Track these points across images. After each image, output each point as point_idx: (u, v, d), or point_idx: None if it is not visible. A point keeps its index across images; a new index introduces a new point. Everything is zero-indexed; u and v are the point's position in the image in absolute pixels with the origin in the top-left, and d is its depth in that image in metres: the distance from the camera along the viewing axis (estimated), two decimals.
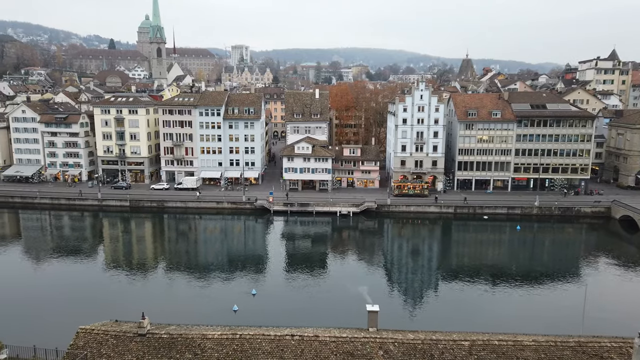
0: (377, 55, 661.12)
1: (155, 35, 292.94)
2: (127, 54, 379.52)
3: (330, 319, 43.41)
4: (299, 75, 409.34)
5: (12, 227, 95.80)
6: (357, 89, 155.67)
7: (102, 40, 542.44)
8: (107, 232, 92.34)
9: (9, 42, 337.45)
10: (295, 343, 30.95)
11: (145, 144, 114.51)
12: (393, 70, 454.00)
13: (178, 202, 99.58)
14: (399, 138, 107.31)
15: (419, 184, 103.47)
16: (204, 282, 63.98)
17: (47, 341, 27.35)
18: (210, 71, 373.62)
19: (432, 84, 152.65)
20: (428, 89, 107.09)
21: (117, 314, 38.40)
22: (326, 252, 79.90)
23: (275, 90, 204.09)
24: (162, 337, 31.29)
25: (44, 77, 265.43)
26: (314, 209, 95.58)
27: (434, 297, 61.66)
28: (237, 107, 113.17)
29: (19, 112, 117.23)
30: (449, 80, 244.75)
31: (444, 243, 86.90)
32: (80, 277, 65.79)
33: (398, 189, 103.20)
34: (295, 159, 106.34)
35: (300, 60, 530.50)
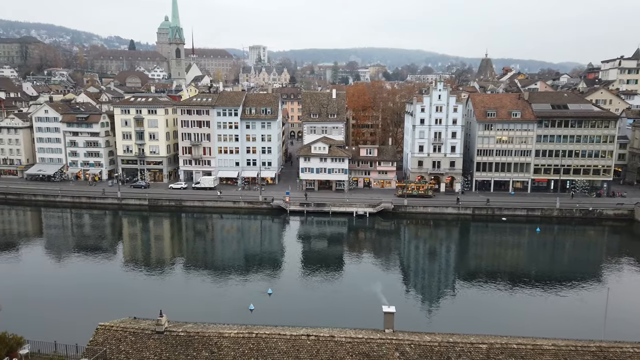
0: (394, 55, 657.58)
1: (175, 36, 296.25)
2: (146, 54, 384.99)
3: (346, 320, 43.30)
4: (316, 76, 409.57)
5: (34, 224, 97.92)
6: (374, 89, 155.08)
7: (123, 41, 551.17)
8: (127, 231, 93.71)
9: (32, 44, 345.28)
10: (311, 343, 30.95)
11: (164, 143, 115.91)
12: (411, 70, 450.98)
13: (196, 202, 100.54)
14: (416, 138, 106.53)
15: (422, 185, 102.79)
16: (220, 281, 64.43)
17: (67, 337, 27.87)
18: (228, 71, 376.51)
19: (451, 83, 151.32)
20: (446, 88, 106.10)
21: (136, 311, 38.90)
22: (342, 252, 79.78)
23: (292, 90, 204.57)
24: (179, 335, 31.61)
25: (66, 78, 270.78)
26: (330, 209, 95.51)
27: (451, 299, 61.02)
28: (255, 107, 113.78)
29: (41, 112, 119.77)
30: (467, 80, 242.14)
31: (461, 245, 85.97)
32: (100, 274, 66.88)
33: (401, 189, 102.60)
34: (312, 159, 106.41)
35: (318, 61, 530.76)
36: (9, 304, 46.00)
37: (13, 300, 51.37)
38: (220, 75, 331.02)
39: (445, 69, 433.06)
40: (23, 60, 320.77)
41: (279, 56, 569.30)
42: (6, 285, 59.73)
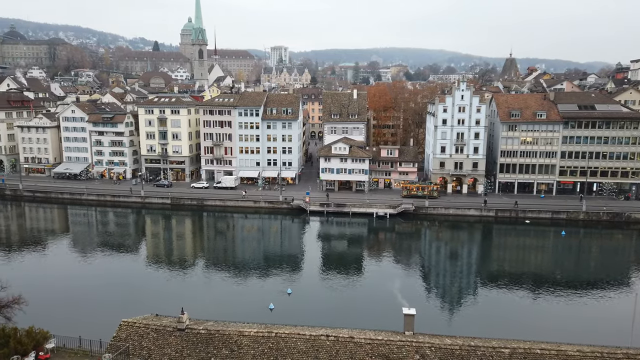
0: (416, 55, 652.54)
1: (198, 37, 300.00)
2: (170, 55, 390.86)
3: (366, 321, 43.15)
4: (337, 76, 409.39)
5: (61, 222, 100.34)
6: (395, 89, 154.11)
7: (147, 42, 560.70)
8: (149, 229, 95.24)
9: (60, 45, 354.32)
10: (330, 344, 30.89)
11: (187, 143, 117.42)
12: (433, 70, 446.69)
13: (217, 201, 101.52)
14: (438, 139, 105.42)
15: (427, 186, 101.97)
16: (240, 279, 64.91)
17: (91, 332, 28.44)
18: (250, 72, 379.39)
19: (474, 83, 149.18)
20: (469, 89, 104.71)
21: (157, 308, 39.47)
22: (362, 253, 79.49)
23: (313, 90, 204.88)
24: (200, 333, 31.93)
25: (92, 79, 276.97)
26: (350, 210, 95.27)
27: (473, 302, 60.14)
28: (276, 108, 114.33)
29: (68, 112, 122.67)
30: (491, 80, 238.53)
31: (484, 247, 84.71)
32: (123, 271, 68.14)
33: (406, 190, 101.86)
34: (332, 160, 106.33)
35: (339, 61, 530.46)
36: (35, 299, 47.16)
37: (39, 295, 52.64)
38: (242, 75, 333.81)
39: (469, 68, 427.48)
40: (51, 62, 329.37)
41: (300, 57, 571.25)
42: (33, 280, 61.30)
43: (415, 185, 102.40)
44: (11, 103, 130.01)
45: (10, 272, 58.89)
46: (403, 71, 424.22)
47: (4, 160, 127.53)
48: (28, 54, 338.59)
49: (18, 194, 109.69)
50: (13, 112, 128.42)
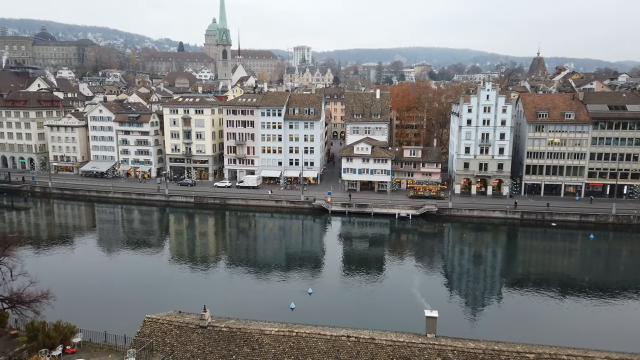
0: (441, 55, 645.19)
1: (222, 38, 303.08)
2: (194, 56, 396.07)
3: (387, 322, 42.81)
4: (360, 76, 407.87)
5: (88, 219, 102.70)
6: (419, 89, 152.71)
7: (172, 43, 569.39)
8: (173, 227, 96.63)
9: (88, 46, 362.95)
10: (351, 344, 30.75)
11: (210, 142, 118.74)
12: (458, 69, 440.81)
13: (239, 200, 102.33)
14: (462, 140, 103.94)
15: (434, 186, 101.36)
16: (262, 278, 65.24)
17: (116, 327, 28.94)
18: (273, 72, 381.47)
19: (500, 83, 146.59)
20: (495, 88, 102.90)
21: (180, 305, 39.98)
22: (384, 254, 78.97)
23: (336, 90, 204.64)
24: (222, 330, 32.19)
25: (119, 79, 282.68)
26: (372, 210, 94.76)
27: (497, 305, 59.07)
28: (298, 108, 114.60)
29: (96, 111, 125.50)
30: (518, 80, 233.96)
31: (508, 250, 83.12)
32: (147, 268, 69.30)
33: (412, 190, 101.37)
34: (354, 160, 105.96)
35: (362, 61, 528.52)
36: (63, 294, 48.35)
37: (67, 290, 53.95)
38: (265, 75, 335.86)
39: (494, 68, 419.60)
40: (80, 62, 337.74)
41: (323, 56, 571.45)
42: (61, 276, 62.86)
43: (421, 186, 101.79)
44: (42, 103, 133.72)
45: (39, 268, 60.47)
46: (427, 71, 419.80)
47: (34, 158, 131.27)
48: (58, 55, 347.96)
49: (47, 191, 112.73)
50: (43, 112, 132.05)
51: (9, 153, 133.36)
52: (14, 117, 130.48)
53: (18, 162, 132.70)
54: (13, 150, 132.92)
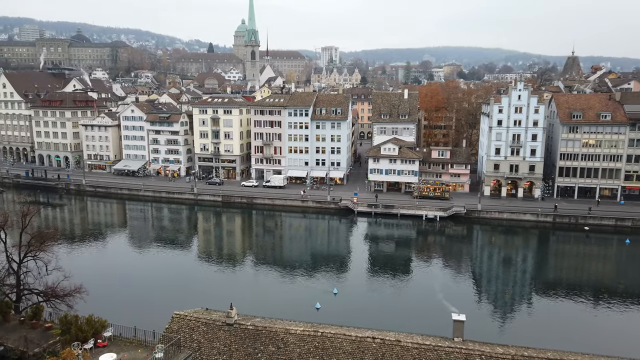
0: (471, 54, 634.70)
1: (250, 39, 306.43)
2: (224, 57, 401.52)
3: (413, 325, 42.30)
4: (388, 76, 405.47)
5: (119, 216, 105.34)
6: (448, 88, 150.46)
7: (202, 44, 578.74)
8: (201, 225, 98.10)
9: (122, 48, 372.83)
10: (376, 346, 30.52)
11: (238, 142, 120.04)
12: (488, 69, 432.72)
13: (266, 200, 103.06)
14: (492, 140, 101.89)
15: (439, 187, 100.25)
16: (287, 277, 65.50)
17: (145, 323, 29.51)
18: (300, 72, 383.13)
19: (532, 83, 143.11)
20: (527, 88, 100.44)
21: (207, 302, 40.49)
22: (410, 255, 78.15)
23: (363, 90, 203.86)
24: (247, 328, 32.44)
25: (151, 80, 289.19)
26: (398, 212, 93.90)
27: (527, 310, 57.64)
28: (325, 108, 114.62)
29: (128, 111, 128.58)
30: (551, 80, 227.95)
31: (539, 254, 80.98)
32: (176, 265, 70.52)
33: (418, 190, 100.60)
34: (381, 160, 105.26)
35: (390, 60, 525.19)
36: (95, 289, 49.69)
37: (99, 285, 55.42)
38: (293, 76, 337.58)
39: (527, 67, 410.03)
40: (113, 63, 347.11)
41: (351, 57, 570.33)
42: (93, 271, 64.64)
43: (427, 186, 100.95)
44: (77, 103, 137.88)
45: (72, 263, 62.41)
46: (456, 70, 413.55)
47: (69, 156, 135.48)
48: (93, 56, 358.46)
49: (81, 188, 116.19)
50: (78, 112, 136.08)
51: (45, 151, 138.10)
52: (50, 117, 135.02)
53: (54, 160, 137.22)
54: (49, 149, 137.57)
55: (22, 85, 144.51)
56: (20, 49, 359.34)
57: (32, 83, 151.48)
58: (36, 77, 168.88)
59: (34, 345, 25.82)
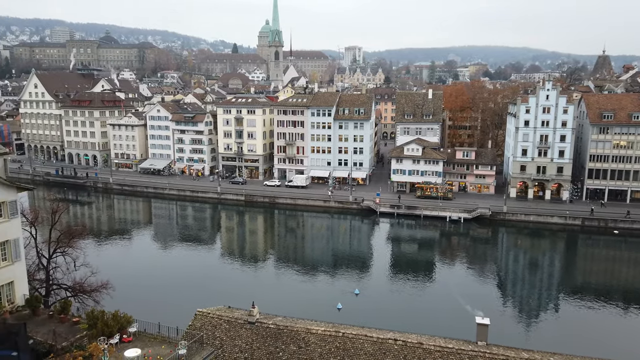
0: (497, 53, 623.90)
1: (274, 39, 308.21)
2: (248, 57, 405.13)
3: (435, 327, 41.73)
4: (412, 75, 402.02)
5: (145, 214, 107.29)
6: (473, 88, 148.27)
7: (227, 45, 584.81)
8: (224, 223, 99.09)
9: (148, 49, 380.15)
10: (398, 348, 30.23)
11: (261, 142, 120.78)
12: (515, 68, 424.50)
13: (288, 199, 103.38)
14: (519, 141, 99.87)
15: (442, 187, 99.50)
16: (309, 277, 65.56)
17: (168, 319, 29.85)
18: (324, 72, 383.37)
19: (561, 83, 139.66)
20: (555, 88, 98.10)
21: (230, 300, 40.80)
22: (433, 257, 77.26)
23: (387, 90, 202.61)
24: (269, 327, 32.55)
25: (176, 80, 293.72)
26: (422, 213, 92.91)
27: (553, 315, 56.28)
28: (348, 108, 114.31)
29: (154, 111, 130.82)
30: (580, 79, 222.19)
31: (567, 258, 79.03)
32: (199, 263, 71.42)
33: (420, 190, 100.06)
34: (404, 161, 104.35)
35: (414, 60, 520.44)
36: (120, 285, 50.68)
37: (124, 281, 56.45)
38: (316, 76, 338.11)
39: (555, 67, 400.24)
40: (140, 64, 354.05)
41: (374, 56, 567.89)
42: (119, 267, 65.92)
43: (429, 186, 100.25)
44: (105, 103, 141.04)
45: (99, 259, 63.79)
46: (482, 70, 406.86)
47: (97, 155, 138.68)
48: (120, 57, 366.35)
49: (109, 187, 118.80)
50: (106, 111, 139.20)
51: (74, 150, 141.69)
52: (79, 116, 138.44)
53: (83, 159, 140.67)
54: (78, 148, 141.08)
55: (53, 86, 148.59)
56: (52, 50, 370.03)
57: (63, 83, 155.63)
58: (66, 77, 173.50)
59: (61, 339, 26.40)
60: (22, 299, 31.70)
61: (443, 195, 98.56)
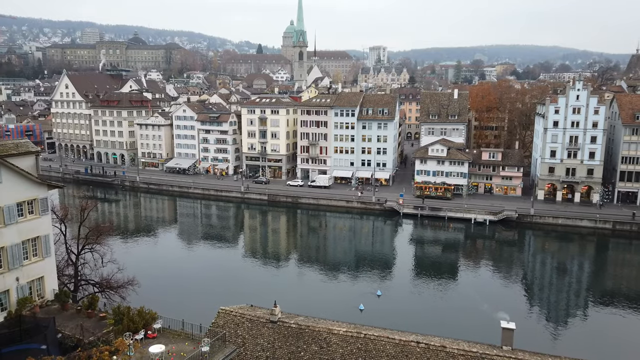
0: (525, 52, 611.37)
1: (299, 40, 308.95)
2: (272, 57, 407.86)
3: (458, 331, 41.14)
4: (437, 75, 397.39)
5: (170, 212, 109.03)
6: (501, 88, 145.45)
7: (252, 45, 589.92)
8: (247, 223, 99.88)
9: (175, 50, 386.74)
10: (420, 351, 29.85)
11: (284, 142, 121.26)
12: (544, 68, 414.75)
13: (311, 199, 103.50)
14: (547, 142, 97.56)
15: (440, 187, 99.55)
16: (331, 277, 65.46)
17: (192, 316, 30.21)
18: (348, 72, 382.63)
19: (592, 82, 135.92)
20: (586, 88, 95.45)
21: (252, 298, 41.03)
22: (457, 259, 76.13)
23: (411, 90, 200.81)
24: (291, 327, 32.58)
25: (202, 80, 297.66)
26: (446, 214, 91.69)
27: (582, 321, 54.76)
28: (372, 108, 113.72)
29: (180, 111, 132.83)
30: (613, 79, 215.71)
31: (596, 262, 76.77)
32: (222, 261, 72.17)
33: (419, 189, 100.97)
34: (429, 162, 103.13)
35: (440, 60, 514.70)
36: (145, 282, 51.61)
37: (149, 278, 57.51)
38: (340, 76, 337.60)
39: (586, 66, 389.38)
40: (167, 65, 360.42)
41: (399, 56, 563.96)
42: (144, 264, 67.13)
43: (428, 185, 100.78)
44: (132, 103, 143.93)
45: (125, 256, 65.08)
46: (510, 69, 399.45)
47: (125, 154, 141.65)
48: (148, 58, 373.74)
49: (136, 185, 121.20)
50: (134, 111, 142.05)
51: (103, 149, 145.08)
52: (108, 116, 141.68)
53: (111, 158, 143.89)
54: (107, 147, 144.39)
55: (83, 86, 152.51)
56: (82, 51, 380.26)
57: (92, 84, 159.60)
58: (96, 78, 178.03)
59: (89, 333, 27.01)
60: (52, 293, 32.57)
61: (442, 195, 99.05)
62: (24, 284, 30.76)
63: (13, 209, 29.80)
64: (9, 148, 30.82)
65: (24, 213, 30.70)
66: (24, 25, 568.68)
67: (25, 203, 30.75)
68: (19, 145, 31.85)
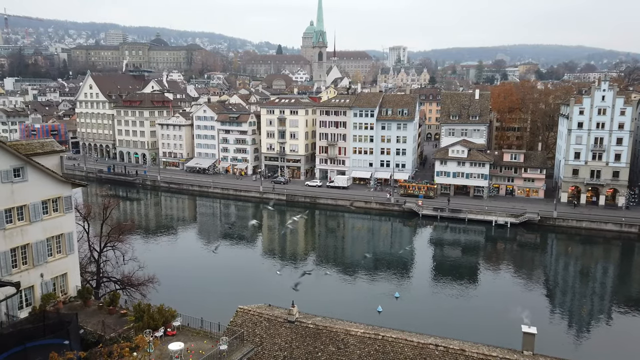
0: (549, 52, 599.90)
1: (318, 40, 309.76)
2: (292, 58, 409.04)
3: (478, 334, 40.52)
4: (458, 75, 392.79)
5: (190, 211, 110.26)
6: (523, 89, 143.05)
7: (271, 46, 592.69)
8: (266, 222, 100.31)
9: (196, 51, 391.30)
10: (439, 354, 29.54)
11: (303, 142, 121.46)
12: (569, 68, 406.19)
13: (329, 200, 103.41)
14: (572, 144, 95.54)
15: (423, 185, 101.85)
16: (349, 278, 65.28)
17: (210, 315, 30.45)
18: (367, 73, 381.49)
19: (618, 83, 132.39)
20: (612, 88, 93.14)
21: (270, 298, 41.19)
22: (477, 262, 75.13)
23: (431, 90, 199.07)
24: (308, 327, 32.59)
25: (222, 81, 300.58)
26: (466, 216, 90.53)
27: (605, 327, 53.43)
28: (391, 109, 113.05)
29: (200, 111, 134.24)
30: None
31: (622, 267, 74.83)
32: (241, 260, 72.61)
33: (404, 189, 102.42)
34: (449, 163, 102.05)
35: (461, 60, 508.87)
36: (165, 280, 52.25)
37: (169, 276, 58.16)
38: (359, 76, 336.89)
39: (612, 66, 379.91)
40: (188, 65, 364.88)
41: (419, 56, 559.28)
42: (164, 262, 68.00)
43: (412, 184, 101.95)
44: (154, 103, 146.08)
45: (146, 254, 65.99)
46: (533, 70, 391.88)
47: (146, 154, 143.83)
48: (169, 59, 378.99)
49: (157, 184, 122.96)
50: (155, 111, 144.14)
51: (125, 148, 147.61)
52: (130, 116, 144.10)
53: (133, 157, 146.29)
54: (129, 146, 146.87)
55: (106, 87, 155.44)
56: (106, 52, 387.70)
57: (115, 84, 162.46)
58: (119, 78, 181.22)
59: (110, 330, 27.47)
60: (75, 290, 33.23)
61: (425, 194, 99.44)
62: (48, 280, 31.44)
63: (38, 207, 30.49)
64: (35, 147, 31.55)
65: (48, 211, 31.38)
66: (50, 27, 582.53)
67: (50, 201, 31.43)
68: (44, 144, 32.57)
